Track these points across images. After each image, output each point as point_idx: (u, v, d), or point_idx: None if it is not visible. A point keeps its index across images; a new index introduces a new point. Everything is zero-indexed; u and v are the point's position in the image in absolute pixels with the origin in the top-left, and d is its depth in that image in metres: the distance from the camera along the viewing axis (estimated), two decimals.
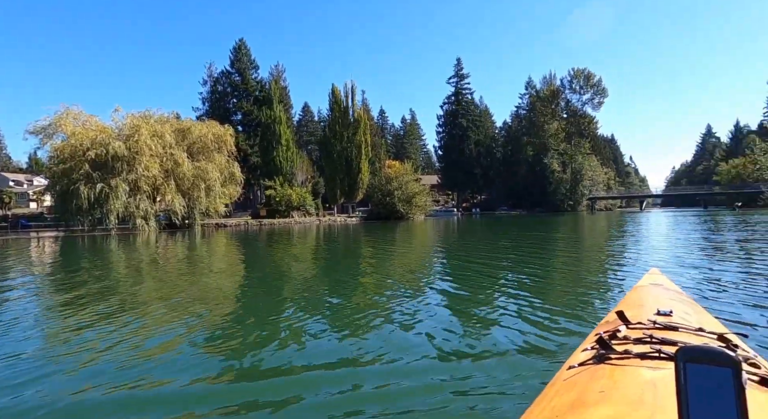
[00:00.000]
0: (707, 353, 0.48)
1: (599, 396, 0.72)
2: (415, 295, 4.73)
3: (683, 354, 0.49)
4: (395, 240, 15.28)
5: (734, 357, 0.47)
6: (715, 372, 0.47)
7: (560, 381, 0.91)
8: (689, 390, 0.47)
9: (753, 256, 8.05)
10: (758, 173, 57.57)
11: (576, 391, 0.79)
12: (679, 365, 0.48)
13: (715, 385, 0.46)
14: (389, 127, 78.73)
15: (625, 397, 0.70)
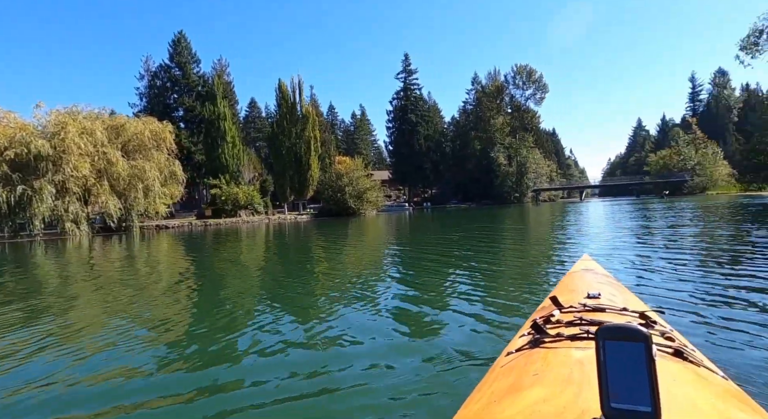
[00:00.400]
0: (622, 330, 0.52)
1: (533, 379, 0.75)
2: (364, 291, 4.73)
3: (602, 333, 0.53)
4: (346, 236, 15.11)
5: (645, 333, 0.51)
6: (629, 347, 0.51)
7: (498, 368, 0.94)
8: (608, 364, 0.51)
9: (674, 240, 8.79)
10: (682, 163, 62.50)
11: (513, 376, 0.82)
12: (599, 343, 0.52)
13: (629, 359, 0.51)
14: (339, 122, 77.96)
15: (557, 377, 0.73)
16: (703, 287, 4.12)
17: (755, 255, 6.08)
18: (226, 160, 36.98)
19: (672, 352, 0.86)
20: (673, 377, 0.73)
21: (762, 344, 2.52)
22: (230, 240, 15.91)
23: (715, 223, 12.10)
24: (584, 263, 2.10)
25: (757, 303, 3.45)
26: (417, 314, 3.62)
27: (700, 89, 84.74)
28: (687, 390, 0.69)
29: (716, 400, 0.68)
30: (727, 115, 76.99)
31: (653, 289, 4.07)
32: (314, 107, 68.63)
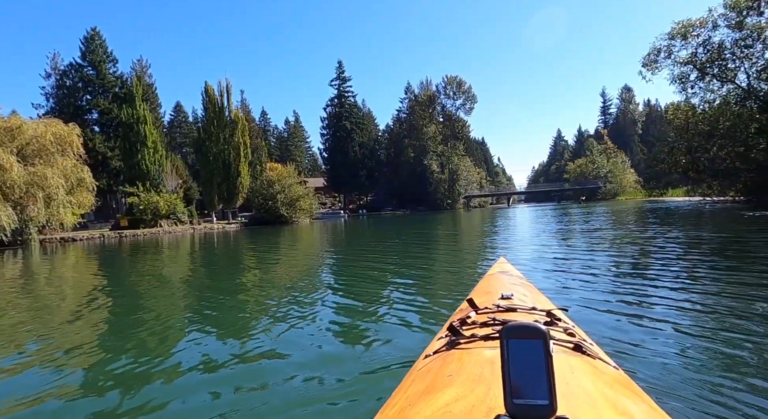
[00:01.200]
0: (523, 329, 0.55)
1: (448, 380, 0.77)
2: (293, 302, 4.63)
3: (505, 332, 0.55)
4: (277, 246, 14.54)
5: (543, 330, 0.54)
6: (529, 345, 0.53)
7: (416, 371, 0.95)
8: (510, 362, 0.53)
9: (584, 242, 9.48)
10: (596, 171, 68.04)
11: (429, 378, 0.84)
12: (503, 342, 0.54)
13: (529, 355, 0.53)
14: (272, 129, 75.96)
15: (469, 377, 0.76)
16: (607, 286, 4.48)
17: (656, 256, 6.60)
18: (147, 166, 34.45)
19: (572, 347, 0.91)
20: (572, 369, 0.78)
21: (650, 338, 2.74)
22: (149, 252, 14.68)
23: (622, 226, 13.21)
24: (500, 266, 2.19)
25: (653, 301, 3.72)
26: (346, 323, 3.64)
27: (609, 103, 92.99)
28: (583, 381, 0.73)
29: (608, 389, 0.73)
30: (633, 128, 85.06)
31: (562, 289, 4.40)
32: (245, 112, 66.83)
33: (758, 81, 16.87)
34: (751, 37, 16.32)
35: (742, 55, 16.87)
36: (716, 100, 18.16)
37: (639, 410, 0.70)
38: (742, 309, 3.32)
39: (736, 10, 16.12)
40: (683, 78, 18.39)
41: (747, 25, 16.29)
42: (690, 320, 3.13)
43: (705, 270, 5.15)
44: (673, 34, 17.62)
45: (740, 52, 16.81)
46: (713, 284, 4.36)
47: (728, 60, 17.21)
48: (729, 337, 2.71)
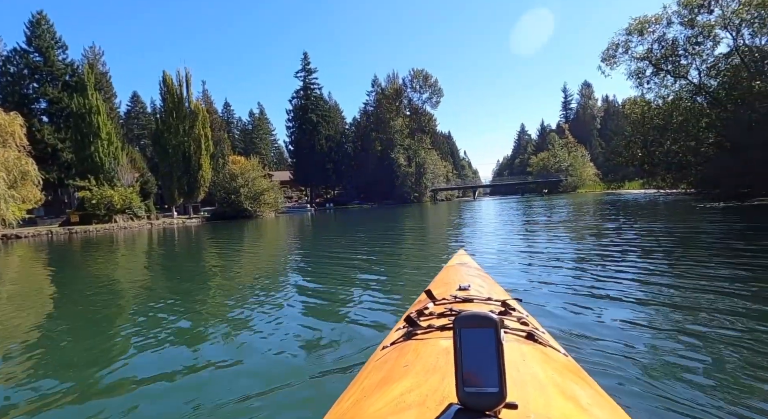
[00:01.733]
0: (475, 318, 0.55)
1: (403, 371, 0.78)
2: (253, 301, 4.50)
3: (458, 322, 0.56)
4: (238, 241, 14.13)
5: (495, 319, 0.55)
6: (480, 333, 0.54)
7: (372, 363, 0.96)
8: (463, 351, 0.54)
9: (543, 234, 9.78)
10: (558, 165, 70.00)
11: (385, 369, 0.84)
12: (456, 331, 0.55)
13: (481, 344, 0.54)
14: (236, 121, 73.97)
15: (424, 367, 0.77)
16: (562, 276, 4.63)
17: (611, 247, 6.76)
18: (100, 159, 32.72)
19: (525, 335, 0.93)
20: (524, 357, 0.80)
21: (599, 326, 2.87)
22: (100, 249, 13.91)
23: (581, 218, 13.65)
24: (459, 257, 2.22)
25: (605, 291, 3.85)
26: (308, 318, 3.59)
27: (570, 99, 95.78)
28: (534, 368, 0.76)
29: (557, 375, 0.76)
30: (592, 122, 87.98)
31: (519, 280, 4.56)
32: (207, 104, 64.71)
33: (708, 77, 17.61)
34: (702, 35, 16.98)
35: (693, 52, 17.54)
36: (670, 95, 18.84)
37: (585, 394, 0.72)
38: (690, 299, 3.43)
39: (688, 7, 16.70)
40: (639, 73, 18.96)
41: (698, 22, 16.93)
42: (639, 310, 3.24)
43: (658, 261, 5.31)
44: (630, 30, 18.10)
45: (692, 48, 17.47)
46: (665, 275, 4.47)
47: (681, 56, 17.86)
48: (675, 326, 2.82)
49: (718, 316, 2.96)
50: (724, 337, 2.56)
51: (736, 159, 14.80)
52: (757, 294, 3.43)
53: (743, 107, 15.20)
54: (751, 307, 3.11)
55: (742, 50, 16.25)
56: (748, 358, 2.25)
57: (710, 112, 17.46)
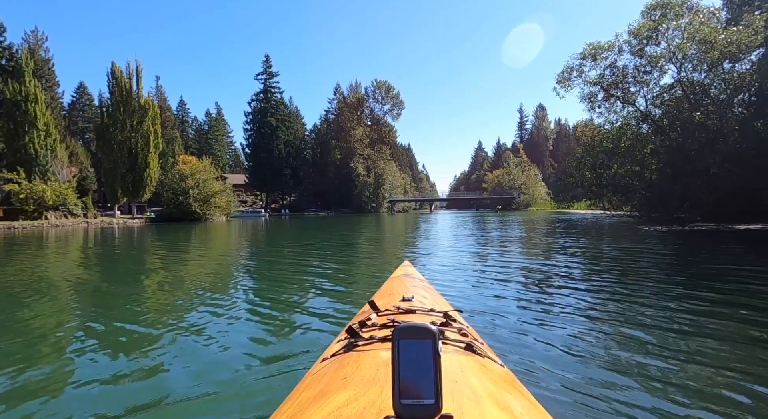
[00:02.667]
0: (414, 329, 0.55)
1: (342, 383, 0.76)
2: (193, 309, 4.24)
3: (397, 333, 0.55)
4: (180, 245, 13.26)
5: (433, 330, 0.55)
6: (419, 345, 0.54)
7: (310, 376, 0.94)
8: (401, 363, 0.53)
9: (491, 248, 9.97)
10: (512, 182, 72.46)
11: (323, 382, 0.82)
12: (394, 343, 0.55)
13: (419, 355, 0.54)
14: (191, 120, 71.38)
15: (363, 379, 0.76)
16: (504, 289, 4.82)
17: (555, 264, 7.00)
18: (35, 150, 30.30)
19: (464, 346, 0.93)
20: (461, 368, 0.81)
21: (535, 338, 2.98)
22: (24, 249, 12.59)
23: (530, 235, 13.99)
24: (404, 269, 2.20)
25: (544, 305, 4.04)
26: (250, 330, 3.42)
27: (526, 119, 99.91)
28: (471, 379, 0.76)
29: (492, 386, 0.77)
30: (545, 143, 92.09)
31: (464, 292, 4.69)
32: (161, 100, 62.04)
33: (653, 106, 18.69)
34: (650, 65, 18.03)
35: (641, 81, 18.59)
36: (618, 120, 19.83)
37: (519, 404, 0.74)
38: (626, 314, 3.63)
39: (638, 37, 17.70)
40: (592, 97, 19.86)
41: (646, 53, 17.96)
42: (576, 323, 3.36)
43: (597, 278, 5.55)
44: (584, 55, 18.96)
45: (640, 77, 18.50)
46: (603, 291, 4.69)
47: (630, 84, 18.88)
48: (609, 339, 2.99)
49: (651, 330, 3.15)
50: (657, 349, 2.72)
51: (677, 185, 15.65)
52: (691, 310, 3.70)
53: (684, 136, 16.15)
54: (683, 321, 3.34)
55: (684, 83, 17.33)
56: (678, 369, 2.40)
57: (655, 138, 18.46)
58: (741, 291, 4.56)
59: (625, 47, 18.56)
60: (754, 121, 13.72)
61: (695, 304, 3.95)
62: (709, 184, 14.73)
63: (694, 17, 16.50)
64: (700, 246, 9.81)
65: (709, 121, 15.64)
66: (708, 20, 16.50)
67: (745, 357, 2.63)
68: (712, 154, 14.52)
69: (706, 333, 3.11)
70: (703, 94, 16.66)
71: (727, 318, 3.49)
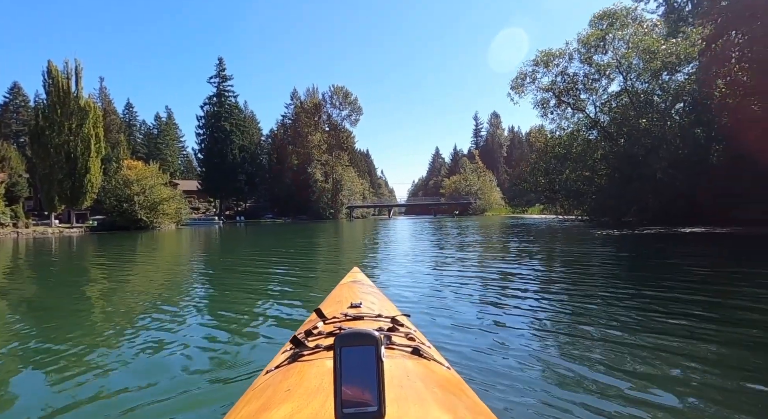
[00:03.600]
0: (356, 336, 0.54)
1: (285, 395, 0.75)
2: (127, 323, 4.03)
3: (339, 341, 0.54)
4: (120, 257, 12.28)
5: (375, 336, 0.54)
6: (361, 351, 0.53)
7: (253, 389, 0.92)
8: (343, 371, 0.52)
9: (444, 252, 10.10)
10: (468, 188, 73.99)
11: (266, 395, 0.80)
12: (336, 351, 0.54)
13: (362, 362, 0.53)
14: (139, 124, 68.04)
15: (307, 389, 0.74)
16: (454, 292, 4.92)
17: (506, 267, 7.12)
18: None
19: (411, 351, 0.93)
20: (407, 373, 0.80)
21: (482, 340, 3.05)
22: None
23: (484, 239, 14.23)
24: (353, 275, 2.19)
25: (492, 306, 4.17)
26: (189, 343, 3.24)
27: (481, 127, 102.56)
28: (416, 384, 0.76)
29: (438, 389, 0.77)
30: (499, 150, 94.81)
31: (415, 295, 4.75)
32: (105, 102, 58.71)
33: (602, 113, 19.48)
34: (599, 72, 18.79)
35: (591, 88, 19.34)
36: (570, 127, 20.53)
37: (463, 406, 0.74)
38: (574, 315, 3.73)
39: (587, 46, 18.41)
40: (544, 103, 20.45)
41: (594, 61, 18.71)
42: (524, 325, 3.44)
43: (549, 282, 5.70)
44: (537, 61, 19.51)
45: (590, 84, 19.25)
46: (551, 294, 4.83)
47: (580, 91, 19.60)
48: (554, 340, 3.08)
49: (599, 329, 3.24)
50: (604, 348, 2.82)
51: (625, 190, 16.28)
52: (638, 308, 3.88)
53: (631, 142, 16.87)
54: (630, 321, 3.45)
55: (630, 91, 18.16)
56: (622, 367, 2.45)
57: (604, 144, 19.20)
58: (687, 289, 4.81)
59: (575, 55, 19.28)
60: (694, 127, 14.50)
61: (642, 303, 4.13)
62: (655, 188, 15.42)
63: (638, 28, 17.33)
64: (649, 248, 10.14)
65: (653, 127, 16.43)
66: (651, 31, 17.38)
67: (692, 352, 2.70)
68: (658, 160, 15.22)
69: (652, 327, 3.25)
70: (646, 102, 17.52)
71: (669, 315, 3.64)
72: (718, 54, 13.05)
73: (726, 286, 5.20)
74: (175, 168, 66.28)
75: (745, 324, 3.44)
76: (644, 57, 16.58)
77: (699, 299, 4.32)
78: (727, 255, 8.63)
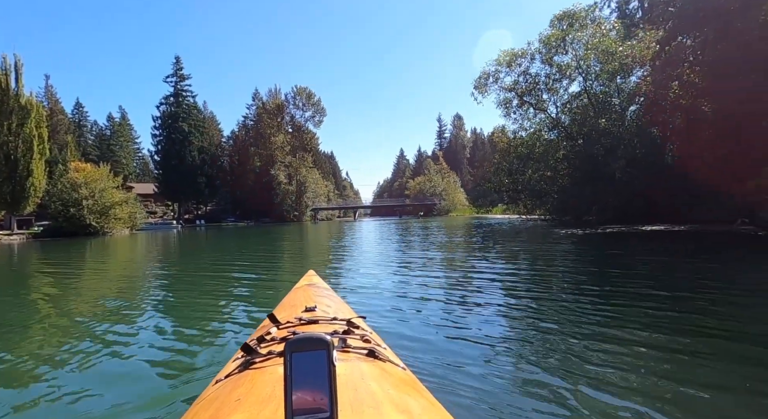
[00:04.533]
0: (307, 341, 0.53)
1: (235, 405, 0.72)
2: (69, 334, 3.84)
3: (289, 347, 0.53)
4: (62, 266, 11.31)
5: (326, 340, 0.53)
6: (312, 356, 0.52)
7: (201, 401, 0.88)
8: (294, 377, 0.51)
9: (405, 253, 9.92)
10: (433, 189, 74.61)
11: (214, 406, 0.77)
12: (286, 357, 0.52)
13: (313, 367, 0.51)
14: (90, 124, 64.71)
15: (258, 398, 0.72)
16: (411, 293, 4.93)
17: (466, 268, 7.12)
18: None
19: (366, 353, 0.93)
20: (362, 376, 0.79)
21: (438, 339, 3.08)
22: None
23: (446, 240, 14.34)
24: (308, 278, 2.13)
25: (448, 306, 4.17)
26: (134, 352, 3.15)
27: (444, 128, 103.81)
28: (371, 386, 0.76)
29: (393, 390, 0.77)
30: (462, 152, 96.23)
31: (364, 298, 4.71)
32: (52, 101, 55.33)
33: (562, 113, 19.88)
34: (559, 73, 19.16)
35: (552, 88, 19.70)
36: (532, 127, 20.85)
37: (418, 405, 0.75)
38: (531, 313, 3.78)
39: (548, 46, 18.72)
40: (507, 103, 20.66)
41: (555, 62, 19.07)
42: (481, 323, 3.47)
43: (508, 280, 5.77)
44: (500, 61, 19.68)
45: (551, 84, 19.60)
46: (513, 293, 4.84)
47: (542, 91, 19.93)
48: (511, 338, 3.11)
49: (551, 326, 3.29)
50: (555, 345, 2.85)
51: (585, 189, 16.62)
52: (596, 308, 3.86)
53: (590, 142, 17.27)
54: (589, 319, 3.46)
55: (589, 91, 18.61)
56: (571, 365, 2.46)
57: (566, 144, 19.59)
58: (646, 285, 4.93)
59: (537, 55, 19.58)
60: (650, 127, 14.97)
61: (600, 299, 4.23)
62: (614, 188, 15.83)
63: (597, 28, 17.75)
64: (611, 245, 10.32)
65: (612, 127, 16.87)
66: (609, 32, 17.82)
67: (639, 350, 2.73)
68: (617, 159, 15.62)
69: (606, 322, 3.35)
70: (605, 102, 17.99)
71: (607, 308, 3.76)
72: (671, 56, 13.52)
73: (677, 281, 5.39)
74: (130, 170, 63.66)
75: (694, 316, 3.59)
76: (602, 58, 17.03)
77: (649, 294, 4.44)
78: (675, 251, 8.89)
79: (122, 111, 68.86)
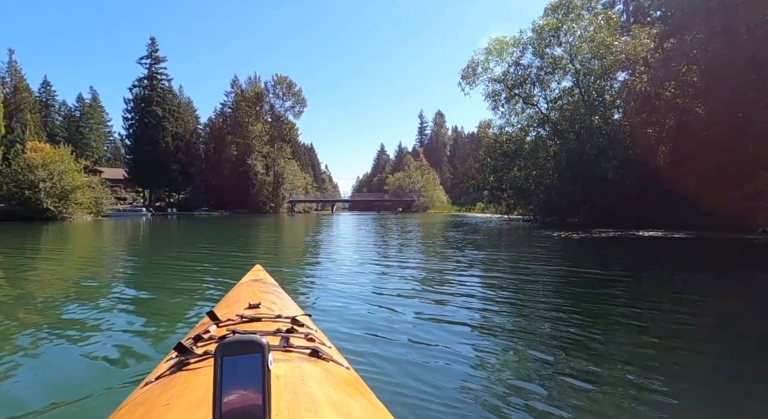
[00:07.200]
0: (240, 344, 0.51)
1: (163, 410, 0.68)
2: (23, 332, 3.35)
3: (220, 350, 0.50)
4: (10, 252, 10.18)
5: (261, 343, 0.51)
6: (245, 360, 0.49)
7: (127, 405, 0.83)
8: (224, 382, 0.48)
9: (374, 250, 9.62)
10: (412, 185, 74.15)
11: (140, 411, 0.72)
12: (216, 361, 0.49)
13: (246, 372, 0.49)
14: (59, 104, 61.50)
15: (189, 402, 0.68)
16: (363, 290, 4.80)
17: (431, 266, 6.96)
18: None
19: (309, 353, 0.90)
20: (303, 377, 0.76)
21: (384, 337, 3.04)
22: None
23: (425, 237, 13.69)
24: (254, 273, 2.03)
25: (401, 305, 4.03)
26: (62, 349, 2.92)
27: (426, 125, 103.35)
28: (312, 387, 0.74)
29: (333, 391, 0.76)
30: (443, 149, 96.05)
31: (312, 294, 4.63)
32: (16, 78, 52.05)
33: (553, 109, 19.37)
34: (552, 66, 18.59)
35: (543, 82, 19.13)
36: (520, 122, 20.26)
37: (359, 407, 0.74)
38: (481, 315, 3.72)
39: (541, 36, 18.05)
40: (495, 95, 19.96)
41: (548, 54, 18.48)
42: (431, 323, 3.43)
43: (469, 282, 5.47)
44: (490, 50, 18.90)
45: (543, 77, 19.03)
46: (473, 294, 4.64)
47: (533, 85, 19.35)
48: (460, 338, 3.02)
49: (503, 331, 3.21)
50: (511, 345, 2.86)
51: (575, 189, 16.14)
52: (554, 312, 3.73)
53: (582, 141, 16.77)
54: (532, 315, 3.51)
55: (581, 87, 18.10)
56: (520, 366, 2.46)
57: (556, 142, 19.09)
58: (626, 295, 4.74)
59: (529, 46, 18.92)
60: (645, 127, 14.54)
61: (572, 306, 4.09)
62: (604, 189, 15.36)
63: (593, 19, 17.14)
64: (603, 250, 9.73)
65: (605, 126, 16.39)
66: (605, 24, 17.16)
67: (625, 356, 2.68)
68: (610, 159, 15.15)
69: (569, 322, 3.30)
70: (598, 99, 17.51)
71: (594, 317, 3.64)
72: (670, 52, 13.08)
73: (656, 290, 5.19)
74: (100, 154, 61.08)
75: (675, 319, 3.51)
76: (597, 51, 16.47)
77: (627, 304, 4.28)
78: (656, 259, 8.37)
79: (93, 92, 65.75)
